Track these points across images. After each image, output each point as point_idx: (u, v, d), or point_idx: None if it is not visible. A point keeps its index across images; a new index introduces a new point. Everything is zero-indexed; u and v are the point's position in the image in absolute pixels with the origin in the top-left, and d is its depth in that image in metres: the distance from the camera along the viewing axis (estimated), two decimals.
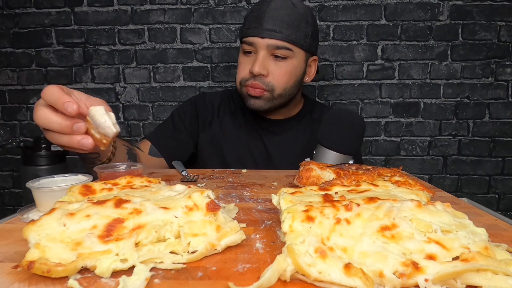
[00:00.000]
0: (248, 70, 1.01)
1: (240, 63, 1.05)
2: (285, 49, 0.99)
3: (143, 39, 1.64)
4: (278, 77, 1.01)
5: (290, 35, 0.98)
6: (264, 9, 0.99)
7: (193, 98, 1.20)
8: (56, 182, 0.61)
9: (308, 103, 1.21)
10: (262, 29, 0.97)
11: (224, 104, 1.17)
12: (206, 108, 1.16)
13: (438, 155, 1.64)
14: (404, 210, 0.38)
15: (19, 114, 1.71)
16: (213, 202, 0.43)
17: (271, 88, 1.01)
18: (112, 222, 0.38)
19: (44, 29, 1.64)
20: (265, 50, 0.99)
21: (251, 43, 1.00)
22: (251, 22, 1.00)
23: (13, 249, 0.40)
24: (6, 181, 1.77)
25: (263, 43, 0.98)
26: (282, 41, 0.98)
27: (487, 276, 0.31)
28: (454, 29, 1.56)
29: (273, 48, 0.98)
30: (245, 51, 1.03)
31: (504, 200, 1.65)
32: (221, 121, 1.15)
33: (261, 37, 0.98)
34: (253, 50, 1.01)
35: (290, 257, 0.32)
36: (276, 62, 1.01)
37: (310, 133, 1.14)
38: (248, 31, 1.00)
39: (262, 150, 1.12)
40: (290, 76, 1.02)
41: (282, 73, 1.01)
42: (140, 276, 0.32)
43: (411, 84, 1.61)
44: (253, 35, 0.99)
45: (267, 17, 0.97)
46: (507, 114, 1.60)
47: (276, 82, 1.01)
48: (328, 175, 0.66)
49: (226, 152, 1.11)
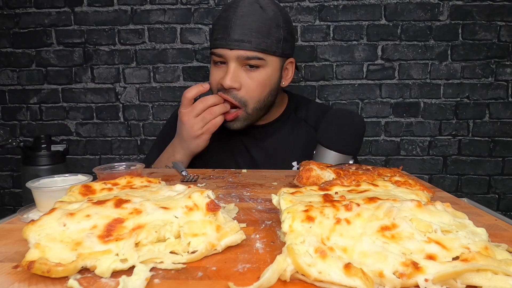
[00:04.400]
0: (218, 81, 0.96)
1: (211, 74, 0.99)
2: (257, 59, 0.92)
3: (143, 39, 1.64)
4: (251, 90, 0.95)
5: (260, 43, 0.92)
6: (230, 17, 0.92)
7: (173, 115, 1.15)
8: (56, 182, 0.61)
9: (292, 102, 1.13)
10: (230, 40, 0.91)
11: None
12: None
13: (438, 155, 1.64)
14: (404, 210, 0.38)
15: (19, 114, 1.71)
16: (213, 202, 0.43)
17: (244, 103, 0.96)
18: (112, 222, 0.38)
19: (44, 29, 1.64)
20: (235, 62, 0.93)
21: (220, 55, 0.94)
22: (218, 32, 0.94)
23: (13, 249, 0.40)
24: (6, 181, 1.77)
25: (232, 55, 0.92)
26: (252, 51, 0.91)
27: (487, 276, 0.31)
28: (454, 29, 1.56)
29: (244, 59, 0.92)
30: (215, 61, 0.97)
31: (504, 200, 1.65)
32: None
33: (230, 48, 0.91)
34: (224, 60, 0.95)
35: (290, 257, 0.32)
36: (249, 73, 0.94)
37: (296, 134, 1.09)
38: (216, 42, 0.94)
39: (247, 157, 1.07)
40: (264, 88, 0.96)
41: (255, 86, 0.95)
42: (140, 276, 0.32)
43: (411, 84, 1.61)
44: (221, 47, 0.93)
45: (234, 26, 0.91)
46: (507, 114, 1.60)
47: (249, 97, 0.95)
48: (328, 175, 0.66)
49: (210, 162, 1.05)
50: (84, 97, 1.69)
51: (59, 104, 1.70)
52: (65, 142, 1.70)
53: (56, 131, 1.71)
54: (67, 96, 1.69)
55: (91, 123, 1.71)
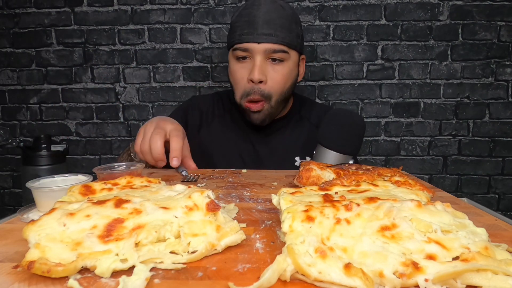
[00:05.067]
0: (245, 77, 0.99)
1: (235, 71, 1.02)
2: (282, 52, 0.98)
3: (143, 39, 1.64)
4: (276, 83, 1.00)
5: (285, 37, 0.98)
6: (255, 13, 0.97)
7: (184, 104, 1.19)
8: (56, 182, 0.61)
9: (297, 101, 1.18)
10: (258, 34, 0.96)
11: (213, 108, 1.16)
12: (193, 114, 1.15)
13: (438, 155, 1.64)
14: (404, 210, 0.38)
15: (19, 114, 1.71)
16: (213, 202, 0.43)
17: (268, 97, 1.00)
18: (112, 222, 0.38)
19: (44, 29, 1.64)
20: (262, 55, 0.97)
21: (246, 49, 0.98)
22: (243, 27, 0.98)
23: (13, 249, 0.40)
24: (6, 181, 1.77)
25: (260, 48, 0.97)
26: (279, 45, 0.97)
27: (487, 276, 0.31)
28: (454, 29, 1.56)
29: (270, 52, 0.97)
30: (238, 57, 1.01)
31: (504, 200, 1.65)
32: (210, 126, 1.14)
33: (257, 42, 0.96)
34: (249, 55, 0.99)
35: (290, 257, 0.32)
36: (273, 67, 0.99)
37: (300, 131, 1.13)
38: (242, 37, 0.98)
39: (252, 152, 1.11)
40: (286, 81, 1.02)
41: (279, 78, 1.00)
42: (140, 276, 0.32)
43: (411, 84, 1.61)
44: (248, 41, 0.97)
45: (261, 22, 0.96)
46: (507, 114, 1.60)
47: (273, 90, 1.00)
48: (328, 175, 0.66)
49: (216, 157, 1.09)
50: (84, 97, 1.69)
51: (59, 104, 1.70)
52: (65, 142, 1.70)
53: (56, 131, 1.71)
54: (67, 96, 1.69)
55: (91, 123, 1.71)
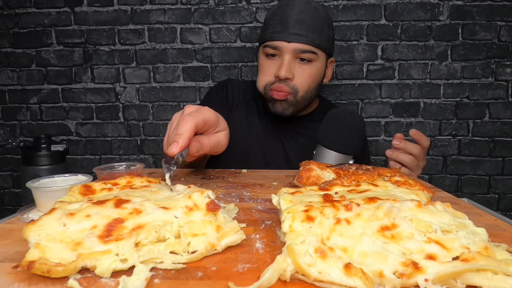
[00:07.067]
0: (272, 73, 1.02)
1: (264, 66, 1.06)
2: (311, 53, 1.00)
3: (143, 39, 1.64)
4: (303, 80, 1.02)
5: (315, 39, 0.99)
6: (288, 13, 0.99)
7: (222, 83, 1.21)
8: (56, 182, 0.61)
9: (323, 104, 1.22)
10: (289, 33, 0.98)
11: (244, 94, 1.19)
12: (234, 91, 1.18)
13: (438, 155, 1.64)
14: (404, 210, 0.38)
15: (19, 114, 1.71)
16: (213, 202, 0.43)
17: (295, 91, 1.03)
18: (112, 222, 0.38)
19: (44, 29, 1.64)
20: (291, 54, 1.00)
21: (276, 47, 1.00)
22: (275, 26, 1.00)
23: (13, 249, 0.40)
24: (6, 181, 1.77)
25: (290, 47, 0.99)
26: (308, 45, 0.99)
27: (487, 276, 0.31)
28: (454, 29, 1.56)
29: (299, 52, 0.99)
30: (268, 54, 1.03)
31: (504, 200, 1.65)
32: (236, 109, 1.16)
33: (288, 41, 0.98)
34: (278, 53, 1.02)
35: (290, 257, 0.32)
36: (301, 65, 1.02)
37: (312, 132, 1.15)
38: (273, 35, 1.00)
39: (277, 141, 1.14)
40: (313, 79, 1.04)
41: (306, 76, 1.02)
42: (140, 276, 0.32)
43: (411, 84, 1.61)
44: (279, 39, 0.99)
45: (293, 21, 0.98)
46: (507, 114, 1.59)
47: (300, 85, 1.02)
48: (328, 175, 0.66)
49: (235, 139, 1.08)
50: (84, 97, 1.69)
51: (59, 104, 1.70)
52: (65, 142, 1.70)
53: (56, 131, 1.71)
54: (67, 96, 1.69)
55: (91, 123, 1.71)
